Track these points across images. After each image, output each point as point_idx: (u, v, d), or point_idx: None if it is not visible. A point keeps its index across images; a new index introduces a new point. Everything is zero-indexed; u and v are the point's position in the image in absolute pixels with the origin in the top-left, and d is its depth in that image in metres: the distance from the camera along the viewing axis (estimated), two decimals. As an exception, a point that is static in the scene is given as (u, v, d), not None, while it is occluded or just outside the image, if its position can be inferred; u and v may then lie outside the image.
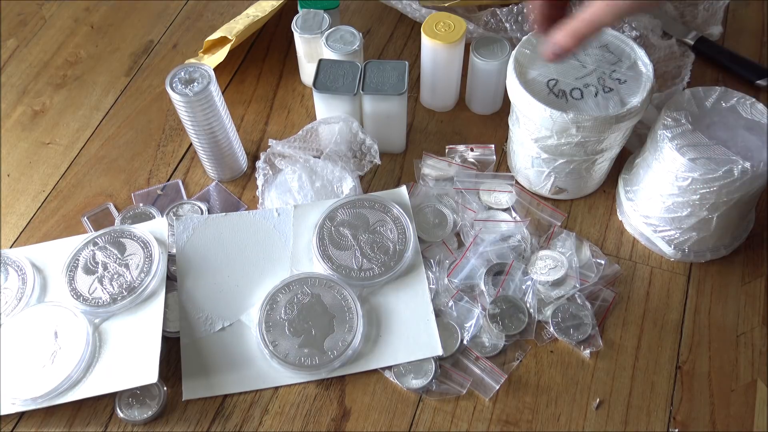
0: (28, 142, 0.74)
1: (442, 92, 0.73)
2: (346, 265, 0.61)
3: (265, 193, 0.66)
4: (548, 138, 0.59)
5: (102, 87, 0.79)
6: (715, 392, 0.56)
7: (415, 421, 0.55)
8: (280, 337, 0.57)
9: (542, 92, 0.58)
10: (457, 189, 0.66)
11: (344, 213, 0.63)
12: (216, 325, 0.59)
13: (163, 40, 0.83)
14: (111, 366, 0.56)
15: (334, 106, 0.66)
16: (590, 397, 0.56)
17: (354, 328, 0.58)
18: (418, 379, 0.56)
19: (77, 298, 0.59)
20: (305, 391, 0.57)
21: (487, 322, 0.59)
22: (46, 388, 0.54)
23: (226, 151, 0.66)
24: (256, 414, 0.56)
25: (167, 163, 0.72)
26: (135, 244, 0.61)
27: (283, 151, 0.66)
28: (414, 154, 0.71)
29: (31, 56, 0.82)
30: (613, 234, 0.65)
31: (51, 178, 0.71)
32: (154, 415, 0.55)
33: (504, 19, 0.75)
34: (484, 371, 0.57)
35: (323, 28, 0.70)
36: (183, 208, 0.67)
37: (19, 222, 0.68)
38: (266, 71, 0.79)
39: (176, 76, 0.60)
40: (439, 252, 0.63)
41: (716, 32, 0.78)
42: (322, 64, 0.66)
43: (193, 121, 0.62)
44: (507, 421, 0.55)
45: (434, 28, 0.67)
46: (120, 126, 0.75)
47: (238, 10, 0.80)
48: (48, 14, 0.87)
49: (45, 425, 0.56)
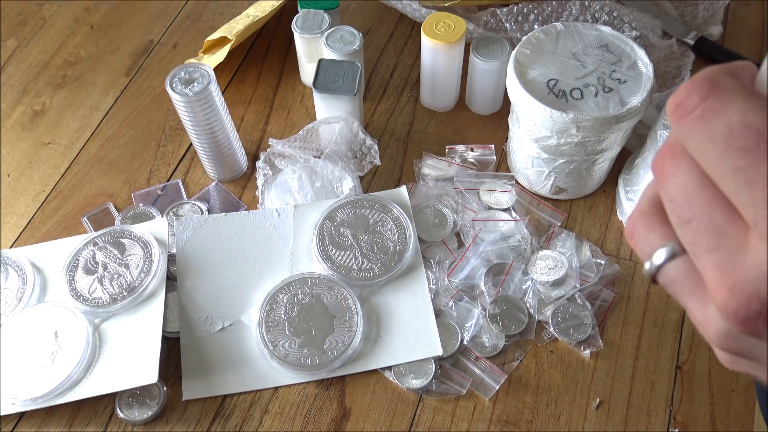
0: (28, 142, 0.74)
1: (442, 92, 0.73)
2: (346, 265, 0.61)
3: (265, 193, 0.66)
4: (548, 138, 0.59)
5: (102, 87, 0.79)
6: (715, 392, 0.56)
7: (415, 421, 0.55)
8: (280, 337, 0.57)
9: (542, 92, 0.58)
10: (457, 189, 0.66)
11: (344, 213, 0.63)
12: (216, 325, 0.59)
13: (163, 40, 0.83)
14: (111, 366, 0.56)
15: (334, 106, 0.66)
16: (590, 397, 0.56)
17: (354, 328, 0.58)
18: (418, 379, 0.56)
19: (77, 298, 0.59)
20: (305, 391, 0.57)
21: (487, 322, 0.59)
22: (46, 388, 0.54)
23: (226, 151, 0.66)
24: (256, 414, 0.56)
25: (167, 163, 0.72)
26: (135, 244, 0.61)
27: (284, 151, 0.66)
28: (414, 154, 0.71)
29: (31, 56, 0.82)
30: (613, 234, 0.65)
31: (51, 178, 0.71)
32: (154, 415, 0.55)
33: (504, 19, 0.75)
34: (484, 371, 0.57)
35: (323, 28, 0.70)
36: (183, 208, 0.67)
37: (19, 222, 0.68)
38: (266, 71, 0.79)
39: (176, 76, 0.60)
40: (439, 252, 0.63)
41: (716, 32, 0.78)
42: (322, 64, 0.66)
43: (193, 121, 0.62)
44: (507, 421, 0.55)
45: (434, 28, 0.67)
46: (120, 126, 0.75)
47: (238, 10, 0.80)
48: (48, 14, 0.87)
49: (45, 425, 0.56)
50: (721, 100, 0.19)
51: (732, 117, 0.18)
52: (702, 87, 0.19)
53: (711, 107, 0.19)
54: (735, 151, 0.18)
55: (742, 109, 0.18)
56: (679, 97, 0.20)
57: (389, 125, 0.74)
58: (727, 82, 0.19)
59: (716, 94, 0.19)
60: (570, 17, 0.73)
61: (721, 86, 0.19)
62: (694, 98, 0.19)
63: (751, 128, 0.18)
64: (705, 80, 0.19)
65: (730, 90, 0.19)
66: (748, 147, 0.18)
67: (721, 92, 0.19)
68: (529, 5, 0.74)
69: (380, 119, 0.74)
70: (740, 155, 0.18)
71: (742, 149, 0.18)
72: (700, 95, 0.19)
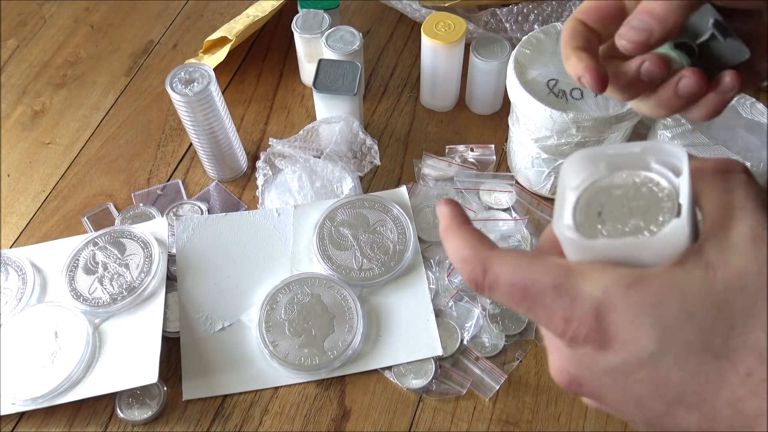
0: (28, 142, 0.74)
1: (442, 92, 0.73)
2: (346, 265, 0.61)
3: (265, 193, 0.66)
4: (548, 138, 0.59)
5: (102, 87, 0.79)
6: (715, 392, 0.56)
7: (415, 421, 0.55)
8: (280, 337, 0.57)
9: (542, 92, 0.58)
10: (457, 189, 0.66)
11: (344, 213, 0.63)
12: (216, 325, 0.59)
13: (163, 40, 0.83)
14: (111, 366, 0.56)
15: (334, 106, 0.66)
16: (590, 397, 0.56)
17: (354, 328, 0.58)
18: (418, 379, 0.56)
19: (77, 298, 0.59)
20: (305, 391, 0.57)
21: (487, 322, 0.59)
22: (46, 388, 0.54)
23: (226, 151, 0.66)
24: (256, 414, 0.56)
25: (167, 163, 0.72)
26: (135, 244, 0.61)
27: (284, 151, 0.66)
28: (414, 154, 0.71)
29: (31, 56, 0.82)
30: (613, 234, 0.65)
31: (51, 178, 0.71)
32: (154, 415, 0.55)
33: (504, 19, 0.75)
34: (484, 371, 0.57)
35: (323, 28, 0.70)
36: (183, 208, 0.67)
37: (19, 222, 0.68)
38: (266, 71, 0.79)
39: (176, 76, 0.60)
40: (439, 252, 0.63)
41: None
42: (322, 64, 0.66)
43: (193, 121, 0.62)
44: (507, 421, 0.55)
45: (434, 28, 0.67)
46: (120, 126, 0.75)
47: (238, 10, 0.80)
48: (48, 14, 0.87)
49: (45, 425, 0.56)
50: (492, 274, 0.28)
51: (503, 283, 0.27)
52: (477, 267, 0.28)
53: (489, 282, 0.28)
54: (515, 304, 0.28)
55: (506, 274, 0.28)
56: (464, 273, 0.29)
57: (389, 125, 0.74)
58: (492, 259, 0.28)
59: (486, 273, 0.28)
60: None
61: (489, 262, 0.28)
62: (479, 276, 0.28)
63: (517, 286, 0.27)
64: (476, 260, 0.28)
65: (494, 262, 0.28)
66: (523, 299, 0.27)
67: (489, 269, 0.28)
68: (529, 5, 0.74)
69: (380, 119, 0.74)
70: (520, 305, 0.27)
71: (519, 302, 0.27)
72: (481, 273, 0.28)
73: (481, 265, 0.28)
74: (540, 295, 0.26)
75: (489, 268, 0.28)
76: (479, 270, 0.28)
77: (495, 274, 0.28)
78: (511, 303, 0.28)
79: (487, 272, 0.28)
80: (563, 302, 0.26)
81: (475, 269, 0.28)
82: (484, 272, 0.28)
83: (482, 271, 0.28)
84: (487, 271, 0.28)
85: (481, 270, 0.28)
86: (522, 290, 0.27)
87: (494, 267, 0.28)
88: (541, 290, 0.26)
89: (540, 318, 0.27)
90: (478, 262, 0.28)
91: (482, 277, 0.28)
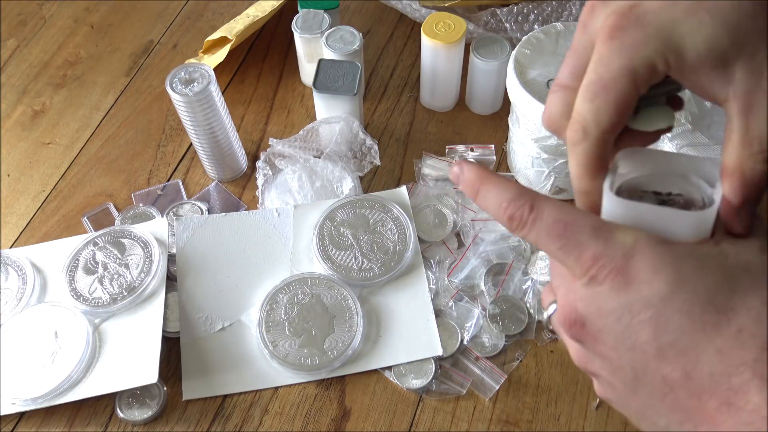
0: (28, 142, 0.74)
1: (442, 92, 0.73)
2: (346, 265, 0.61)
3: (265, 193, 0.66)
4: (548, 138, 0.59)
5: (102, 87, 0.79)
6: (715, 392, 0.56)
7: (415, 421, 0.55)
8: (280, 337, 0.57)
9: (542, 92, 0.58)
10: (457, 189, 0.66)
11: (344, 213, 0.63)
12: (216, 325, 0.59)
13: (163, 40, 0.83)
14: (111, 366, 0.56)
15: (334, 106, 0.66)
16: (590, 397, 0.56)
17: (354, 328, 0.58)
18: (418, 379, 0.56)
19: (77, 298, 0.59)
20: (305, 391, 0.57)
21: (487, 322, 0.59)
22: (46, 388, 0.54)
23: (226, 151, 0.66)
24: (256, 414, 0.56)
25: (167, 163, 0.72)
26: (135, 244, 0.61)
27: (284, 151, 0.66)
28: (414, 154, 0.71)
29: (31, 56, 0.82)
30: (613, 234, 0.65)
31: (51, 178, 0.71)
32: (154, 415, 0.55)
33: (504, 19, 0.75)
34: (484, 371, 0.57)
35: (323, 28, 0.70)
36: (183, 208, 0.67)
37: (19, 222, 0.68)
38: (266, 71, 0.79)
39: (176, 76, 0.60)
40: (439, 252, 0.63)
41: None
42: (322, 64, 0.66)
43: (193, 121, 0.62)
44: (507, 421, 0.55)
45: (434, 28, 0.67)
46: (120, 126, 0.75)
47: (238, 10, 0.80)
48: (48, 14, 0.87)
49: (45, 425, 0.56)
50: (538, 209, 0.31)
51: (547, 218, 0.30)
52: (525, 204, 0.31)
53: (533, 217, 0.31)
54: (552, 239, 0.30)
55: (551, 210, 0.31)
56: (509, 211, 0.31)
57: (389, 125, 0.74)
58: (539, 198, 0.31)
59: (533, 209, 0.31)
60: (570, 17, 0.73)
61: (537, 200, 0.31)
62: (524, 212, 0.31)
63: (560, 221, 0.30)
64: (524, 198, 0.31)
65: (542, 201, 0.31)
66: (561, 234, 0.30)
67: (536, 205, 0.31)
68: (529, 5, 0.74)
69: (380, 119, 0.74)
70: (555, 241, 0.30)
71: (557, 237, 0.30)
72: (528, 209, 0.31)
73: (530, 202, 0.31)
74: (577, 233, 0.30)
75: (537, 204, 0.31)
76: (527, 206, 0.31)
77: (542, 209, 0.31)
78: (548, 238, 0.30)
79: (534, 207, 0.31)
80: (597, 242, 0.29)
81: (522, 206, 0.31)
82: (531, 208, 0.31)
83: (529, 207, 0.31)
84: (534, 207, 0.31)
85: (529, 206, 0.31)
86: (563, 226, 0.30)
87: (542, 204, 0.31)
88: (580, 229, 0.30)
89: (569, 254, 0.30)
90: (527, 200, 0.31)
91: (528, 212, 0.31)
